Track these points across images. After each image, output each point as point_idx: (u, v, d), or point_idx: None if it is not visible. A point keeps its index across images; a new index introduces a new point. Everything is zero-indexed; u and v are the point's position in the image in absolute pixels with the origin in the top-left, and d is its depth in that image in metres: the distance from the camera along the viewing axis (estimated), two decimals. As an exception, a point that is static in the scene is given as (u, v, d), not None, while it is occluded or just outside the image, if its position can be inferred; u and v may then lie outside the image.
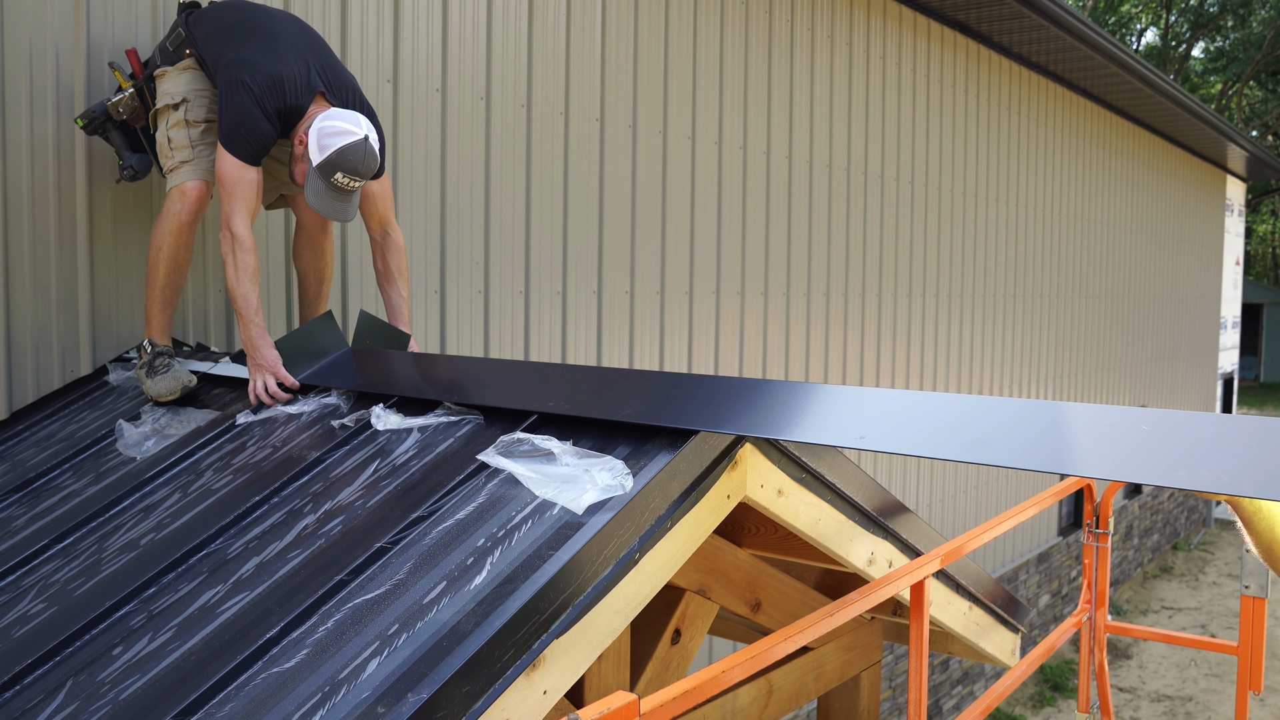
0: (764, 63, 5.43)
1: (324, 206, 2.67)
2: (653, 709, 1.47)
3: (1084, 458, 1.52)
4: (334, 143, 2.60)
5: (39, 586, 2.05)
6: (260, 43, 2.70)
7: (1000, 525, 2.58)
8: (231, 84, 2.65)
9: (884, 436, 1.70)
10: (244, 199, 2.68)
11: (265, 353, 2.67)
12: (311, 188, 2.66)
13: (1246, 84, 28.43)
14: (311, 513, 2.03)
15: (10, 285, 2.90)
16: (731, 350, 5.29)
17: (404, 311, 3.02)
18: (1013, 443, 1.59)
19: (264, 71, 2.64)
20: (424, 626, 1.55)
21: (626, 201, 4.64)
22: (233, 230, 2.67)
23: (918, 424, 1.70)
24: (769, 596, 2.86)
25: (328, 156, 2.60)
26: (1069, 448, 1.55)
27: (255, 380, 2.66)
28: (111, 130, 2.92)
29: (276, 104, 2.66)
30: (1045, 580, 9.30)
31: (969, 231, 7.59)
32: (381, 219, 2.99)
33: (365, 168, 2.64)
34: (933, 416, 1.70)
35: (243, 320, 2.70)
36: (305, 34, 2.83)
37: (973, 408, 1.69)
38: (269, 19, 2.79)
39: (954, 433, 1.64)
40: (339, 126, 2.61)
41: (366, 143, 2.62)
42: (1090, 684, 3.30)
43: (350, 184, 2.65)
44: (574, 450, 1.91)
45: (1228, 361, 15.79)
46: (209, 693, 1.53)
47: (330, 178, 2.63)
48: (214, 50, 2.74)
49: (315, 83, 2.73)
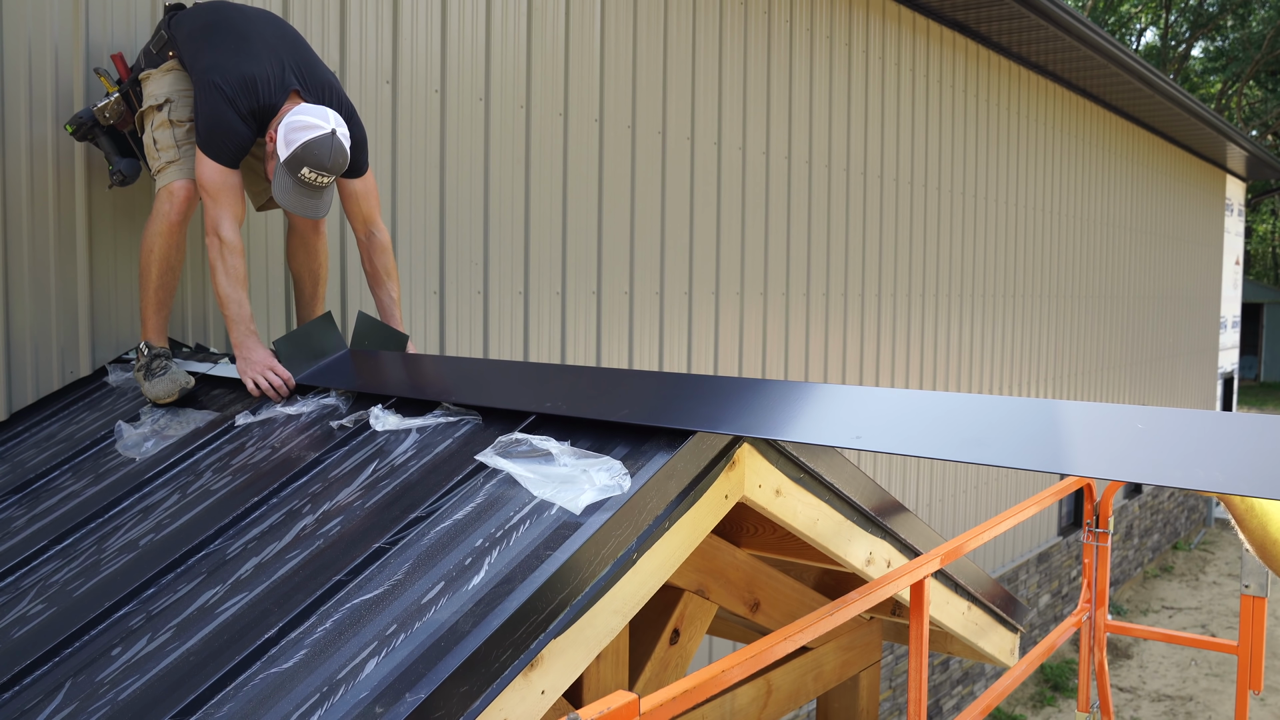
0: (763, 63, 5.44)
1: (292, 203, 2.65)
2: (652, 708, 1.47)
3: (1081, 457, 1.52)
4: (299, 137, 2.57)
5: (38, 587, 2.06)
6: (233, 44, 2.69)
7: (1000, 525, 2.58)
8: (204, 87, 2.64)
9: (882, 436, 1.70)
10: (228, 204, 2.68)
11: (257, 353, 2.68)
12: (279, 184, 2.64)
13: (1246, 84, 28.44)
14: (310, 513, 2.03)
15: (10, 286, 2.90)
16: (731, 350, 5.29)
17: (395, 313, 3.01)
18: (1011, 442, 1.59)
19: (236, 73, 2.63)
20: (422, 627, 1.55)
21: (626, 202, 4.64)
22: (220, 235, 2.67)
23: (916, 424, 1.70)
24: (768, 596, 2.86)
25: (293, 151, 2.57)
26: (1066, 447, 1.55)
27: (248, 381, 2.66)
28: (100, 136, 2.92)
29: (250, 104, 2.65)
30: (1045, 580, 9.30)
31: (968, 231, 7.59)
32: (365, 219, 2.96)
33: (332, 162, 2.61)
34: (931, 416, 1.70)
35: (232, 324, 2.70)
36: (281, 32, 2.81)
37: (971, 407, 1.69)
38: (244, 19, 2.77)
39: (952, 432, 1.64)
40: (305, 121, 2.59)
41: (334, 136, 2.59)
42: (1090, 684, 3.31)
43: (318, 179, 2.62)
44: (572, 450, 1.91)
45: (1228, 361, 15.79)
46: (208, 693, 1.53)
47: (297, 173, 2.60)
48: (191, 53, 2.73)
49: (290, 81, 2.71)
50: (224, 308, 2.72)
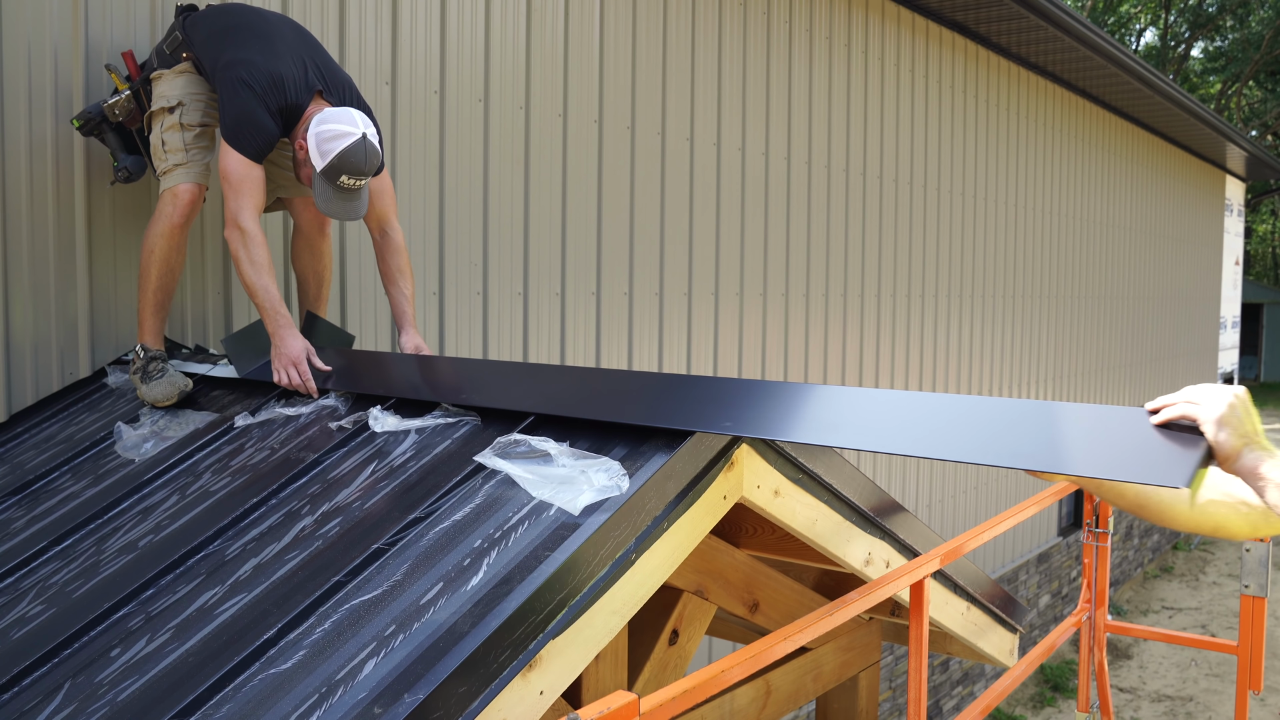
0: (762, 64, 5.44)
1: (334, 210, 2.69)
2: (652, 709, 1.47)
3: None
4: (334, 147, 2.61)
5: (38, 588, 2.06)
6: (258, 43, 2.72)
7: (1000, 525, 2.59)
8: (233, 83, 2.66)
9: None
10: (251, 195, 2.68)
11: (291, 344, 2.65)
12: (319, 193, 2.68)
13: (1245, 84, 28.44)
14: (309, 514, 2.03)
15: (9, 287, 2.90)
16: (730, 351, 5.29)
17: (406, 310, 2.99)
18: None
19: (264, 70, 2.66)
20: (421, 627, 1.55)
21: (625, 203, 4.64)
22: (242, 226, 2.66)
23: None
24: (767, 597, 2.86)
25: (330, 162, 2.61)
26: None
27: (279, 373, 2.63)
28: (107, 132, 2.93)
29: (279, 102, 2.68)
30: (1045, 580, 9.30)
31: (968, 232, 7.59)
32: (380, 217, 2.97)
33: (369, 165, 2.65)
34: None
35: (265, 314, 2.68)
36: (300, 35, 2.85)
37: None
38: (265, 21, 2.81)
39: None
40: (336, 130, 2.62)
41: (365, 140, 2.63)
42: (1090, 684, 3.31)
43: (356, 184, 2.67)
44: (571, 451, 1.91)
45: (1228, 361, 15.79)
46: (207, 694, 1.53)
47: (336, 181, 2.64)
48: (212, 52, 2.75)
49: (313, 81, 2.75)
50: (254, 297, 2.69)
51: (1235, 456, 1.43)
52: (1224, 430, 1.43)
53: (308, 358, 2.65)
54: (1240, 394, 1.46)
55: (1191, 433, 1.47)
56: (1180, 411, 1.48)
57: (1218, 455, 1.44)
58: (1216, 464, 1.45)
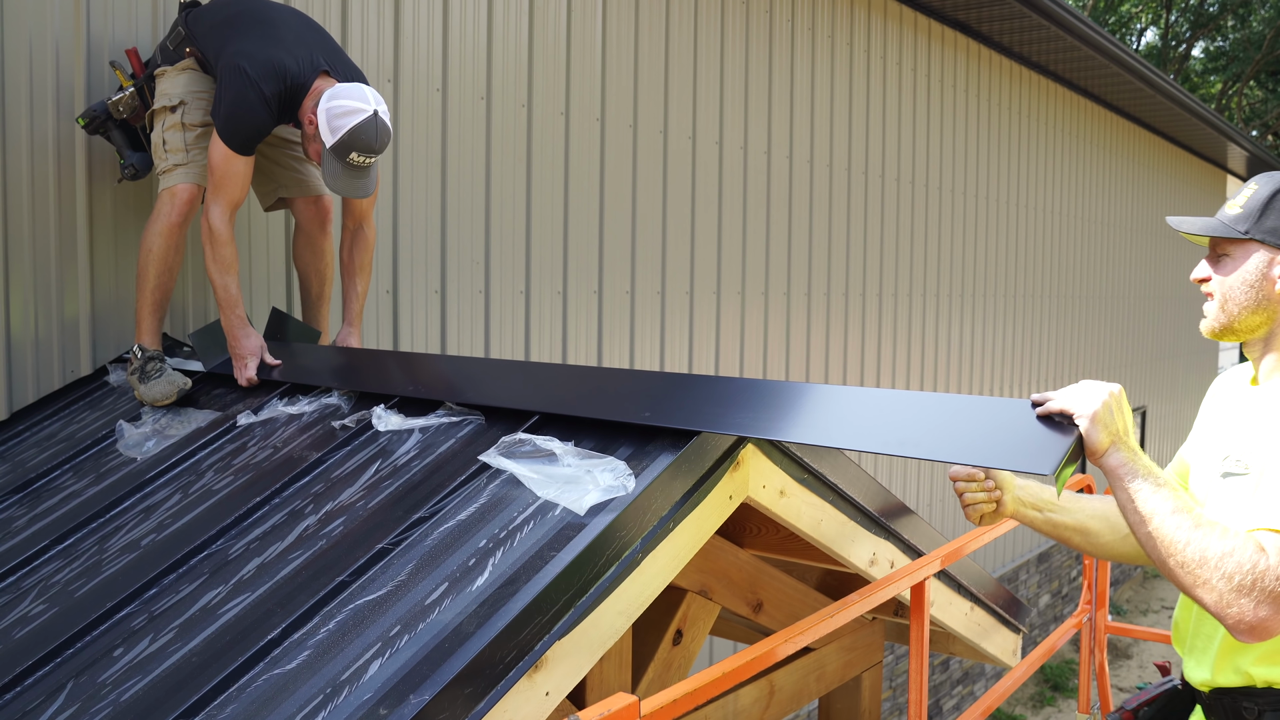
0: (764, 63, 5.43)
1: (341, 186, 2.69)
2: (653, 710, 1.46)
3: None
4: (345, 123, 2.60)
5: (40, 587, 2.05)
6: (259, 29, 2.72)
7: (1000, 525, 2.58)
8: (229, 70, 2.65)
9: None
10: (227, 190, 2.71)
11: (245, 342, 2.77)
12: (328, 169, 2.68)
13: (1246, 84, 28.44)
14: (313, 514, 2.03)
15: (10, 285, 2.89)
16: (732, 350, 5.28)
17: (355, 308, 3.07)
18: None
19: (262, 57, 2.65)
20: (426, 628, 1.54)
21: (627, 201, 4.63)
22: (210, 223, 2.72)
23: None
24: (770, 597, 2.85)
25: (340, 138, 2.60)
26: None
27: (237, 370, 2.77)
28: (112, 129, 2.92)
29: (275, 88, 2.66)
30: (1045, 580, 9.30)
31: (969, 231, 7.58)
32: (360, 213, 3.01)
33: (379, 143, 2.66)
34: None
35: (223, 310, 2.79)
36: (307, 24, 2.85)
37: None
38: (269, 10, 2.80)
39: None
40: (347, 105, 2.61)
41: (376, 118, 2.63)
42: (1090, 684, 3.30)
43: (365, 161, 2.67)
44: (576, 451, 1.90)
45: (1228, 361, 15.79)
46: (210, 694, 1.52)
47: (345, 158, 2.64)
48: (215, 44, 2.74)
49: (319, 62, 2.73)
50: (214, 293, 2.81)
51: (1102, 451, 1.50)
52: (1096, 425, 1.49)
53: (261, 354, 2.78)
54: (1115, 391, 1.52)
55: (1068, 425, 1.53)
56: (1059, 405, 1.54)
57: (1087, 448, 1.51)
58: (1086, 456, 1.52)
